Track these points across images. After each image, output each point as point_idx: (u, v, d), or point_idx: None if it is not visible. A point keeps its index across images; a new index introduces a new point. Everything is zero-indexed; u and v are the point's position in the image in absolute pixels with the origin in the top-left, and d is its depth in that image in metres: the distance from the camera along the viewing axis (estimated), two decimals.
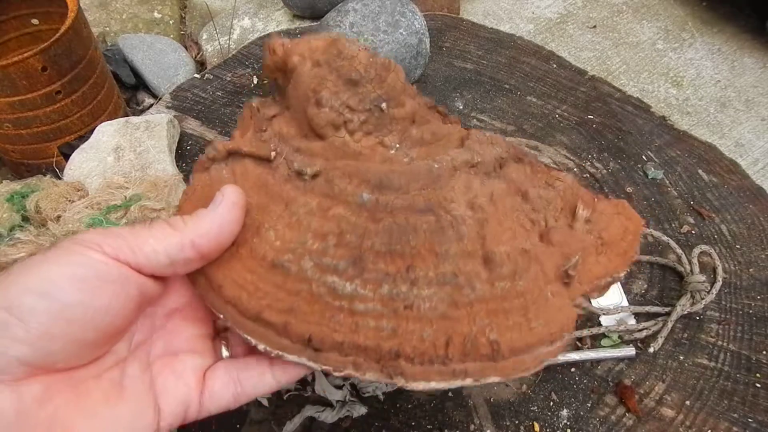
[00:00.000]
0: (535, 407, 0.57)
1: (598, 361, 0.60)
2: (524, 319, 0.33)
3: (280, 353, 0.32)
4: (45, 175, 0.77)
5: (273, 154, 0.36)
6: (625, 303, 0.64)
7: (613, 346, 0.60)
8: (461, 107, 0.86)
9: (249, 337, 0.32)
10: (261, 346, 0.32)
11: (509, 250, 0.34)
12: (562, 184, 0.39)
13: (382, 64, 0.36)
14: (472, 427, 0.56)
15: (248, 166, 0.36)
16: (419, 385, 0.31)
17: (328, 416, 0.55)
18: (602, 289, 0.38)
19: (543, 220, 0.37)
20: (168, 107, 0.88)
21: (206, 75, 0.93)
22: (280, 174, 0.35)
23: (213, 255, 0.33)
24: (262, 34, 1.15)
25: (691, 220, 0.72)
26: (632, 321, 0.62)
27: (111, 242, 0.30)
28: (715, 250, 0.66)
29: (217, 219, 0.32)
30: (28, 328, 0.27)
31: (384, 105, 0.36)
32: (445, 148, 0.37)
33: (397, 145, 0.36)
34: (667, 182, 0.77)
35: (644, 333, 0.61)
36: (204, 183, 0.37)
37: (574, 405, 0.57)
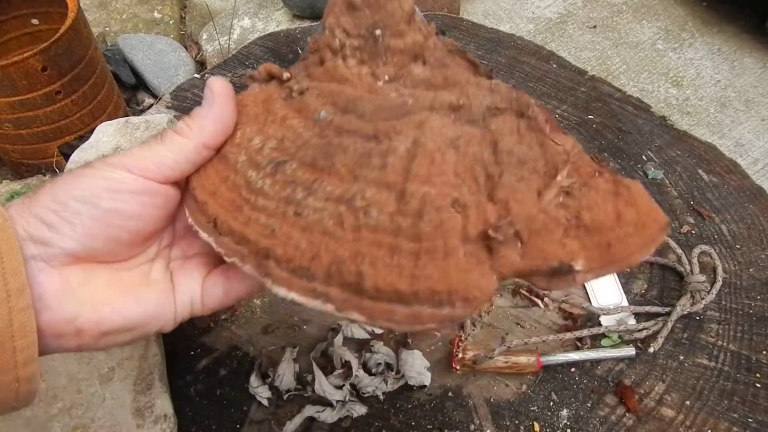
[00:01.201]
0: (535, 407, 0.57)
1: (598, 361, 0.60)
2: (411, 265, 0.30)
3: (196, 228, 0.35)
4: (45, 175, 0.77)
5: (287, 75, 0.38)
6: (625, 303, 0.64)
7: (613, 346, 0.60)
8: None
9: (187, 213, 0.36)
10: (189, 220, 0.36)
11: (433, 192, 0.31)
12: (557, 147, 0.34)
13: None
14: (472, 427, 0.56)
15: (271, 86, 0.39)
16: (281, 291, 0.32)
17: (328, 416, 0.55)
18: (557, 281, 0.31)
19: (499, 175, 0.32)
20: (168, 107, 0.88)
21: (206, 75, 0.93)
22: (284, 92, 0.37)
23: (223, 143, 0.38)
24: (262, 34, 1.15)
25: (691, 220, 0.72)
26: (632, 321, 0.62)
27: (136, 164, 0.35)
28: (715, 250, 0.66)
29: (218, 115, 0.36)
30: (74, 227, 0.33)
31: (378, 32, 0.35)
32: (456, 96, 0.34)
33: (387, 78, 0.35)
34: (667, 182, 0.77)
35: (644, 333, 0.61)
36: (239, 96, 0.40)
37: (574, 405, 0.57)
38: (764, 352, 0.60)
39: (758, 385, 0.58)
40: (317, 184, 0.33)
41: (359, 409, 0.56)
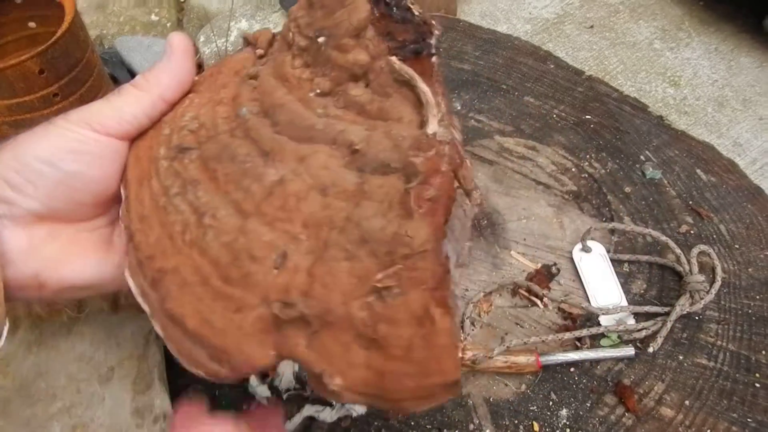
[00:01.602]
0: (535, 407, 0.57)
1: (597, 361, 0.60)
2: (207, 305, 0.30)
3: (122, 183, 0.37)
4: None
5: (260, 51, 0.39)
6: (624, 303, 0.64)
7: (612, 346, 0.60)
8: (459, 108, 0.86)
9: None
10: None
11: (264, 237, 0.30)
12: (404, 239, 0.28)
13: None
14: (471, 426, 0.56)
15: (250, 58, 0.39)
16: (128, 277, 0.33)
17: (328, 416, 0.55)
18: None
19: (331, 245, 0.29)
20: None
21: None
22: (248, 71, 0.37)
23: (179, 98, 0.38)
24: None
25: (689, 219, 0.72)
26: (631, 321, 0.62)
27: (97, 119, 0.35)
28: (713, 250, 0.66)
29: (175, 69, 0.37)
30: (36, 188, 0.34)
31: (321, 39, 0.33)
32: (404, 130, 0.31)
33: (319, 90, 0.33)
34: (666, 182, 0.77)
35: (643, 333, 0.61)
36: (225, 58, 0.41)
37: (573, 405, 0.57)
38: (763, 352, 0.60)
39: (757, 385, 0.58)
40: (195, 185, 0.33)
41: (359, 409, 0.56)
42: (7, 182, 0.33)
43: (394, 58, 0.31)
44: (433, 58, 0.33)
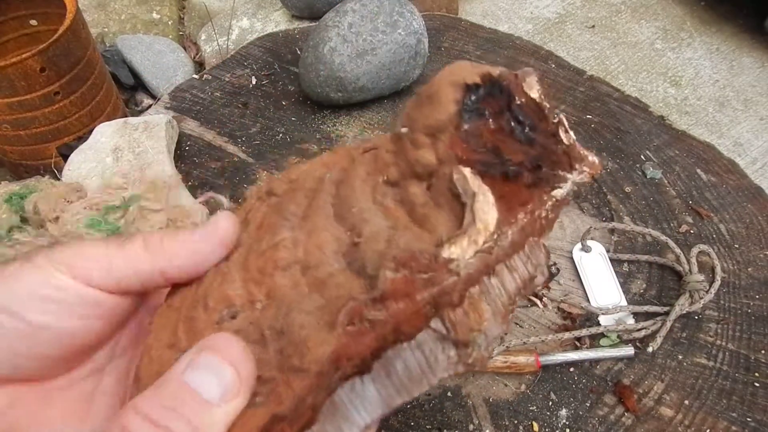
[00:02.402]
0: (534, 407, 0.57)
1: (596, 361, 0.60)
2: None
3: None
4: (43, 176, 0.77)
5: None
6: (624, 302, 0.64)
7: (611, 346, 0.60)
8: None
9: None
10: None
11: (233, 282, 0.30)
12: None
13: (434, 89, 0.29)
14: (471, 427, 0.56)
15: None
16: None
17: None
18: None
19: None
20: (167, 108, 0.88)
21: (205, 76, 0.93)
22: (367, 145, 0.36)
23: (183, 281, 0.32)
24: (261, 34, 1.15)
25: (689, 219, 0.72)
26: (631, 320, 0.62)
27: (81, 265, 0.29)
28: (713, 250, 0.66)
29: (196, 255, 0.31)
30: None
31: (404, 129, 0.31)
32: (415, 241, 0.28)
33: (386, 178, 0.31)
34: (666, 182, 0.77)
35: (643, 332, 0.61)
36: None
37: (573, 405, 0.57)
38: (763, 352, 0.60)
39: (757, 384, 0.58)
40: (247, 225, 0.33)
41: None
42: None
43: (466, 169, 0.28)
44: (548, 195, 0.29)
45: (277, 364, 0.26)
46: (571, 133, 0.30)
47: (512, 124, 0.29)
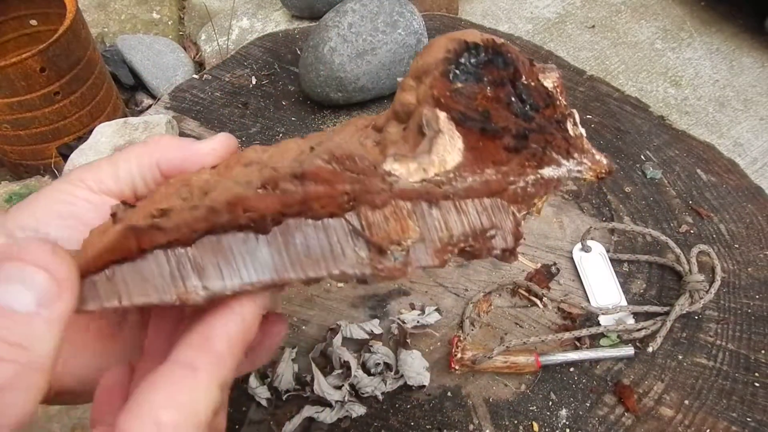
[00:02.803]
0: (534, 407, 0.57)
1: (596, 361, 0.60)
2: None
3: None
4: (44, 176, 0.77)
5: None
6: (624, 302, 0.64)
7: (611, 346, 0.60)
8: None
9: None
10: None
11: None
12: None
13: (432, 43, 0.30)
14: (471, 427, 0.56)
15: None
16: None
17: (327, 416, 0.55)
18: None
19: None
20: (167, 108, 0.88)
21: (205, 75, 0.93)
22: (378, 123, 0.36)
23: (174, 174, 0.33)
24: (261, 34, 1.15)
25: (689, 219, 0.72)
26: (631, 320, 0.62)
27: (93, 176, 0.31)
28: (713, 250, 0.66)
29: (189, 151, 0.32)
30: None
31: (399, 78, 0.31)
32: (361, 149, 0.29)
33: (374, 124, 0.32)
34: (666, 182, 0.77)
35: (643, 332, 0.61)
36: None
37: (573, 405, 0.57)
38: (763, 352, 0.60)
39: (757, 384, 0.58)
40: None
41: (358, 410, 0.56)
42: None
43: (440, 112, 0.28)
44: (532, 169, 0.29)
45: (183, 208, 0.27)
46: (582, 129, 0.30)
47: (512, 98, 0.29)
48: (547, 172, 0.30)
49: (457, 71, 0.28)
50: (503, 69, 0.29)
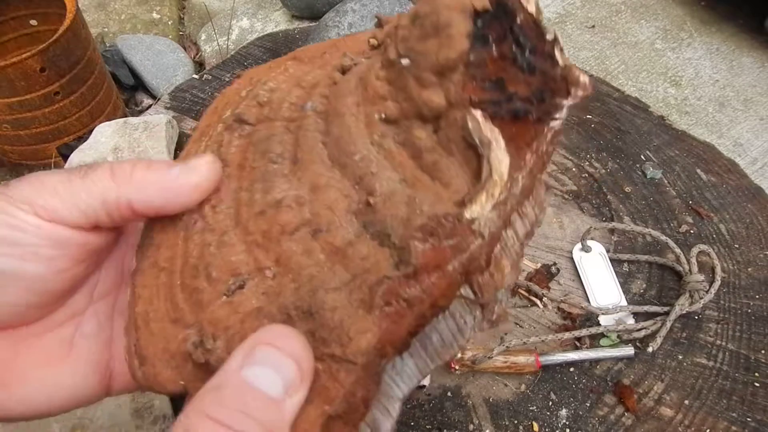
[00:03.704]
0: (534, 407, 0.57)
1: (596, 361, 0.60)
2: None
3: None
4: None
5: (374, 42, 0.33)
6: (624, 302, 0.64)
7: (611, 346, 0.60)
8: None
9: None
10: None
11: (234, 247, 0.28)
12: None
13: (443, 18, 0.26)
14: (471, 426, 0.56)
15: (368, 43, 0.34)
16: None
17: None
18: None
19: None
20: (167, 108, 0.88)
21: (205, 75, 0.93)
22: (342, 62, 0.34)
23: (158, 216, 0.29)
24: (261, 34, 1.15)
25: (689, 219, 0.72)
26: (631, 320, 0.62)
27: (44, 201, 0.27)
28: (713, 250, 0.66)
29: (170, 192, 0.28)
30: None
31: (405, 62, 0.27)
32: (436, 202, 0.26)
33: (384, 115, 0.28)
34: (666, 182, 0.77)
35: (643, 332, 0.61)
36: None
37: (573, 405, 0.57)
38: (763, 352, 0.60)
39: (757, 384, 0.58)
40: (224, 165, 0.30)
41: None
42: None
43: (477, 113, 0.26)
44: (548, 127, 0.27)
45: (313, 351, 0.25)
46: (565, 51, 0.28)
47: (513, 49, 0.26)
48: (556, 122, 0.28)
49: (474, 47, 0.26)
50: (504, 19, 0.26)
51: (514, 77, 0.26)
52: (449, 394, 0.58)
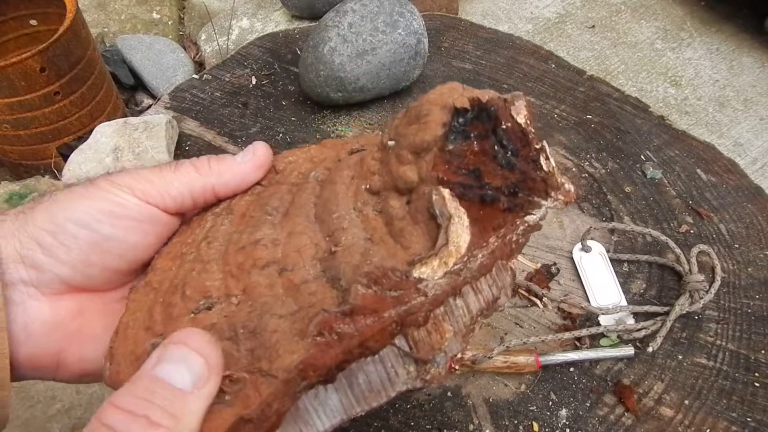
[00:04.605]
0: (534, 407, 0.57)
1: (596, 361, 0.60)
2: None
3: None
4: (44, 176, 0.77)
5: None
6: (624, 302, 0.64)
7: (611, 346, 0.60)
8: None
9: None
10: None
11: (212, 274, 0.32)
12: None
13: (424, 109, 0.31)
14: (471, 427, 0.56)
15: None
16: None
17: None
18: None
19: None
20: (167, 108, 0.88)
21: (205, 75, 0.93)
22: (354, 146, 0.39)
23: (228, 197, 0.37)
24: (261, 34, 1.15)
25: (689, 219, 0.72)
26: (631, 320, 0.62)
27: (142, 187, 0.33)
28: (713, 250, 0.66)
29: (241, 174, 0.36)
30: (70, 251, 0.31)
31: (391, 143, 0.32)
32: (388, 257, 0.29)
33: (368, 186, 0.32)
34: (666, 182, 0.77)
35: (643, 332, 0.61)
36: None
37: (573, 405, 0.57)
38: (763, 352, 0.60)
39: (757, 384, 0.58)
40: (229, 213, 0.36)
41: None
42: (39, 244, 0.31)
43: (445, 191, 0.29)
44: (521, 220, 0.30)
45: (246, 364, 0.27)
46: (552, 160, 0.31)
47: (496, 147, 0.30)
48: (532, 218, 0.30)
49: (451, 137, 0.29)
50: (487, 121, 0.30)
51: (492, 170, 0.29)
52: (449, 394, 0.58)
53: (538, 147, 0.31)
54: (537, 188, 0.30)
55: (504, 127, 0.30)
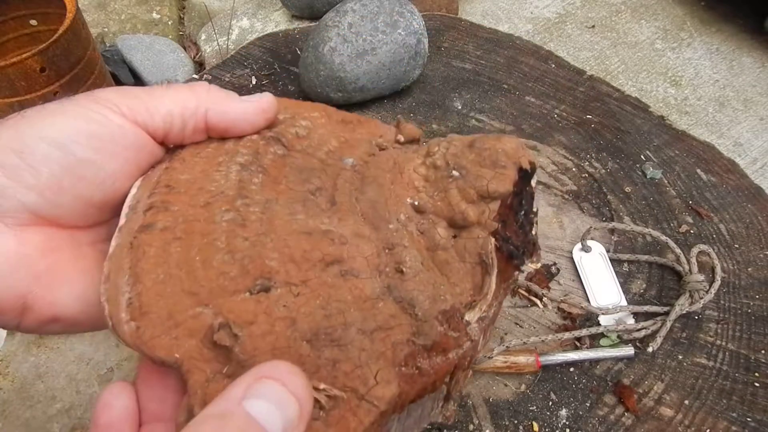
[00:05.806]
0: (534, 407, 0.57)
1: (596, 361, 0.60)
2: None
3: None
4: None
5: (401, 138, 0.38)
6: (624, 302, 0.64)
7: (611, 346, 0.60)
8: (460, 107, 0.86)
9: None
10: None
11: (267, 251, 0.29)
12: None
13: (501, 160, 0.32)
14: (471, 427, 0.56)
15: (390, 132, 0.39)
16: None
17: None
18: None
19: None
20: None
21: (205, 76, 0.93)
22: (378, 141, 0.38)
23: (215, 136, 0.32)
24: (261, 34, 1.15)
25: (689, 219, 0.72)
26: (631, 320, 0.62)
27: (128, 103, 0.29)
28: (713, 250, 0.66)
29: (240, 110, 0.31)
30: (39, 175, 0.27)
31: (456, 174, 0.33)
32: (452, 297, 0.30)
33: (416, 203, 0.33)
34: (666, 182, 0.77)
35: (643, 332, 0.61)
36: None
37: (573, 405, 0.57)
38: (763, 352, 0.60)
39: (757, 384, 0.58)
40: (259, 171, 0.32)
41: None
42: (1, 165, 0.26)
43: (492, 240, 0.31)
44: (517, 274, 0.33)
45: (327, 376, 0.26)
46: (536, 231, 0.34)
47: (517, 205, 0.32)
48: (519, 275, 0.33)
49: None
50: (526, 182, 0.32)
51: (511, 226, 0.32)
52: None
53: (535, 211, 0.33)
54: (529, 250, 0.33)
55: (527, 189, 0.33)
